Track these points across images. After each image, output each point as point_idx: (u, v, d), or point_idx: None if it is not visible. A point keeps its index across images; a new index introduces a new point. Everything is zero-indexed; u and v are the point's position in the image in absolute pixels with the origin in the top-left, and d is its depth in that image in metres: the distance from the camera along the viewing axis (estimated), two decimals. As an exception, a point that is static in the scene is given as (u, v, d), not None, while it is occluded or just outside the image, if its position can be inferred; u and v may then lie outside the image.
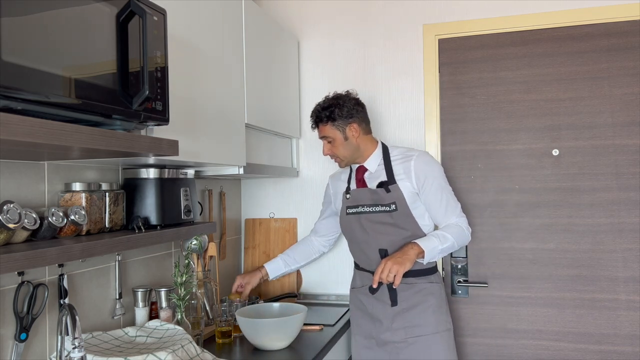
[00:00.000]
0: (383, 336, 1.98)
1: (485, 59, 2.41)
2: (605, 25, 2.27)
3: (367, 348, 2.04)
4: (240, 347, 1.89)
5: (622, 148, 2.25)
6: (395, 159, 2.02)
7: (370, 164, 2.04)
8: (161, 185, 1.65)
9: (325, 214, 2.30)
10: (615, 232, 2.25)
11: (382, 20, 2.56)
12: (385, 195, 1.96)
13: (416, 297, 1.96)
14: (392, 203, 1.95)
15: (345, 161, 2.04)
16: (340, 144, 1.99)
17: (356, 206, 2.02)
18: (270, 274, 2.27)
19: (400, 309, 1.96)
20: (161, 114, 1.28)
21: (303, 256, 2.33)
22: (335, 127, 1.98)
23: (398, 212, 1.94)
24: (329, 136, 1.99)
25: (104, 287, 1.68)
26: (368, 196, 2.00)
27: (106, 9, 1.12)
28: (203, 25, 1.72)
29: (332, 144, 2.00)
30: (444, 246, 1.89)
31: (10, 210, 1.14)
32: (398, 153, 2.03)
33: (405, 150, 2.05)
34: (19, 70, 0.90)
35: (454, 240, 1.92)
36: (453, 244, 1.92)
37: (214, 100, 1.76)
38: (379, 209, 1.97)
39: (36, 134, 0.92)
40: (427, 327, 1.94)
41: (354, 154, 2.02)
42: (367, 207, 1.99)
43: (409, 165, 1.97)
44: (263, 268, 2.27)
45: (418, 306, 1.96)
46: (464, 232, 1.97)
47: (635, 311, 2.22)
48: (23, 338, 1.36)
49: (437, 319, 1.96)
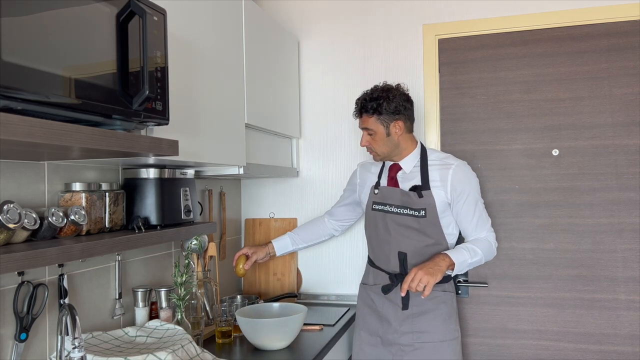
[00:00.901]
0: (390, 337, 1.97)
1: (485, 59, 2.41)
2: (605, 25, 2.28)
3: (372, 345, 2.02)
4: (240, 347, 1.89)
5: (622, 148, 2.25)
6: (433, 164, 1.96)
7: (406, 164, 1.98)
8: (161, 185, 1.65)
9: (346, 201, 2.24)
10: (615, 232, 2.25)
11: (382, 20, 2.56)
12: (417, 200, 1.91)
13: (428, 304, 1.94)
14: (422, 209, 1.91)
15: (381, 156, 1.98)
16: (381, 139, 1.92)
17: (383, 204, 1.98)
18: (277, 251, 2.23)
19: (410, 313, 1.94)
20: (161, 114, 1.28)
21: (313, 237, 2.28)
22: (380, 121, 1.91)
23: (426, 219, 1.91)
24: (372, 129, 1.92)
25: (104, 287, 1.68)
26: (398, 197, 1.95)
27: (106, 9, 1.12)
28: (203, 26, 1.72)
29: (373, 137, 1.93)
30: (472, 260, 1.87)
31: (10, 210, 1.14)
32: (436, 158, 1.98)
33: (444, 157, 1.99)
34: (19, 70, 0.90)
35: (482, 255, 1.89)
36: (481, 258, 1.90)
37: (214, 100, 1.76)
38: (407, 212, 1.92)
39: (36, 134, 0.92)
40: (435, 334, 1.92)
41: (393, 151, 1.96)
42: (395, 207, 1.95)
43: (447, 174, 1.92)
44: (270, 244, 2.23)
45: (429, 313, 1.94)
46: (492, 247, 1.95)
47: (635, 311, 2.22)
48: (23, 338, 1.36)
49: (446, 327, 1.94)
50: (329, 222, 2.29)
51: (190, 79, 1.63)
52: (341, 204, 2.27)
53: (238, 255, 2.15)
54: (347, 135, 2.60)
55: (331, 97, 2.62)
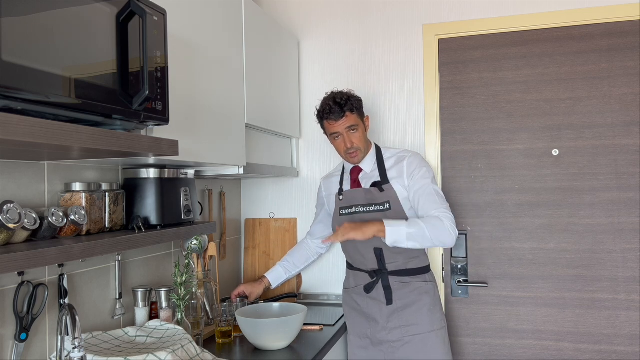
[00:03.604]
0: (379, 335, 1.99)
1: (485, 59, 2.41)
2: (605, 25, 2.28)
3: (362, 348, 2.04)
4: (240, 347, 1.89)
5: (622, 148, 2.25)
6: (389, 160, 2.03)
7: (366, 164, 2.04)
8: (161, 185, 1.65)
9: (320, 217, 2.28)
10: (615, 232, 2.25)
11: (382, 20, 2.56)
12: (379, 194, 1.96)
13: (411, 296, 1.97)
14: (385, 202, 1.95)
15: (362, 155, 2.02)
16: (363, 134, 2.00)
17: (350, 207, 2.02)
18: (272, 283, 2.25)
19: (395, 308, 1.97)
20: (161, 114, 1.28)
21: (302, 260, 2.32)
22: (359, 117, 1.99)
23: (392, 211, 1.94)
24: (356, 124, 1.96)
25: (104, 287, 1.68)
26: (362, 196, 2.00)
27: (106, 9, 1.12)
28: (203, 25, 1.72)
29: (356, 134, 1.97)
30: (410, 230, 1.80)
31: (10, 210, 1.14)
32: (391, 155, 2.05)
33: (398, 152, 2.06)
34: (19, 70, 0.90)
35: (425, 228, 1.81)
36: (424, 232, 1.80)
37: (214, 100, 1.76)
38: (373, 208, 1.97)
39: (36, 134, 0.92)
40: (422, 325, 1.95)
41: (367, 148, 2.04)
42: (361, 207, 1.99)
43: (402, 165, 1.98)
44: (265, 278, 2.25)
45: (413, 305, 1.96)
46: (443, 225, 1.83)
47: (635, 311, 2.22)
48: (23, 338, 1.36)
49: (432, 317, 1.96)
50: (312, 243, 2.34)
51: (190, 79, 1.63)
52: (316, 221, 2.31)
53: (235, 295, 2.15)
54: (347, 135, 2.60)
55: (331, 97, 2.62)
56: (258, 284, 2.21)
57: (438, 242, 1.84)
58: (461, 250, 2.42)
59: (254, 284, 2.21)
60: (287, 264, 2.30)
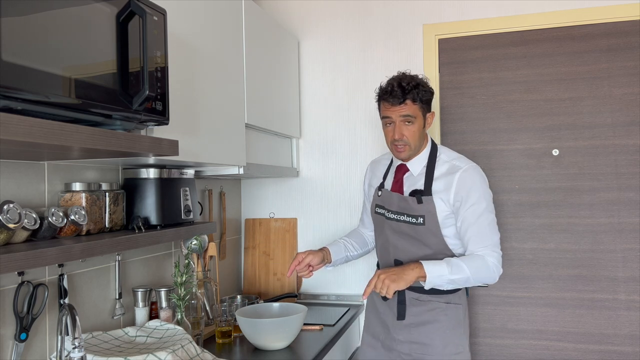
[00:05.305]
0: (389, 343, 1.89)
1: (485, 59, 2.41)
2: (605, 25, 2.27)
3: (373, 347, 1.96)
4: (240, 347, 1.89)
5: (622, 148, 2.25)
6: (441, 166, 1.79)
7: (414, 165, 1.81)
8: (161, 185, 1.65)
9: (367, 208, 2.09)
10: (615, 232, 2.25)
11: (382, 20, 2.56)
12: (416, 206, 1.75)
13: (426, 315, 1.78)
14: (420, 216, 1.75)
15: (412, 151, 1.79)
16: (419, 129, 1.75)
17: (382, 207, 1.87)
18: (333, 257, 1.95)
19: (408, 323, 1.81)
20: (161, 114, 1.28)
21: (360, 243, 2.08)
22: (421, 109, 1.75)
23: (425, 228, 1.75)
24: (414, 116, 1.73)
25: (104, 287, 1.68)
26: (395, 202, 1.81)
27: (106, 9, 1.12)
28: (203, 25, 1.72)
29: (410, 127, 1.74)
30: (453, 277, 1.66)
31: (10, 210, 1.14)
32: (446, 159, 1.80)
33: (454, 158, 1.80)
34: (19, 70, 0.90)
35: (469, 273, 1.67)
36: (468, 277, 1.67)
37: (214, 100, 1.76)
38: (404, 218, 1.78)
39: (36, 134, 0.92)
40: (433, 348, 1.76)
41: (420, 147, 1.80)
42: (392, 213, 1.82)
43: (453, 178, 1.74)
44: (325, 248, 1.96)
45: (428, 325, 1.78)
46: (488, 267, 1.70)
47: (635, 311, 2.22)
48: (23, 338, 1.36)
49: (447, 341, 1.76)
50: (364, 231, 2.13)
51: (190, 79, 1.63)
52: (365, 212, 2.12)
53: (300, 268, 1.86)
54: (347, 135, 2.60)
55: (331, 97, 2.62)
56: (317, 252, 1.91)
57: (479, 284, 1.73)
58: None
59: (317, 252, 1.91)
60: (347, 242, 2.04)
